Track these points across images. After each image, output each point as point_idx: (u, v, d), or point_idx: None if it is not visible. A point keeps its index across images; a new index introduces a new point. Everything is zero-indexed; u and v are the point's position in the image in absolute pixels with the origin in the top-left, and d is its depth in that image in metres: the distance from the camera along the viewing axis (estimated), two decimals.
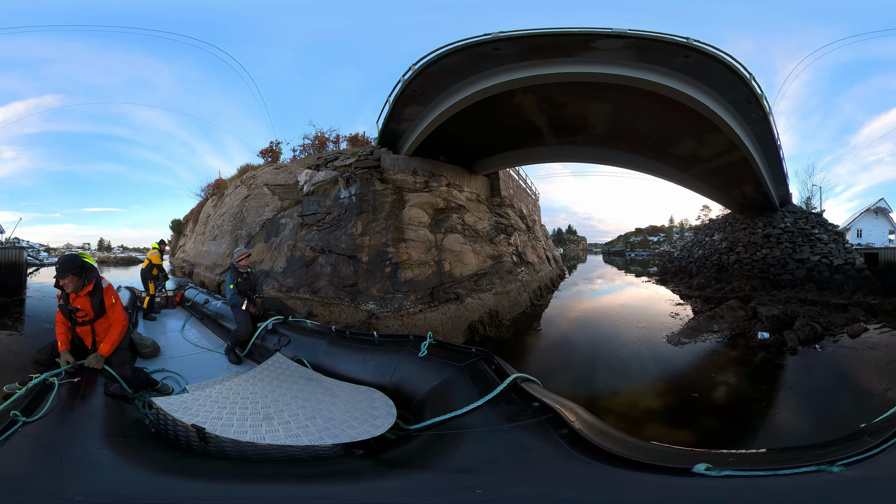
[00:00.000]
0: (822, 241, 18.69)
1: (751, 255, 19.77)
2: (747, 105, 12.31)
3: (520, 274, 16.71)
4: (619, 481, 2.19)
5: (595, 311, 17.90)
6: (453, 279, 12.57)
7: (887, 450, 2.07)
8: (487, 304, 12.81)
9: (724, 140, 13.91)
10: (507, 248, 16.79)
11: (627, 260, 67.72)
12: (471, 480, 2.40)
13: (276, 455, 3.15)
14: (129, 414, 3.60)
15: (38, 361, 4.38)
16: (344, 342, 5.32)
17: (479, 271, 13.93)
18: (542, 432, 2.61)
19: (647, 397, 7.98)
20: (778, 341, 10.62)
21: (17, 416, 2.85)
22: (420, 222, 13.18)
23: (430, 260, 12.43)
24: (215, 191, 26.89)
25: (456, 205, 15.19)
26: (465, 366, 3.68)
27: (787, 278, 17.66)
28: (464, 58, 10.62)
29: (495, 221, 17.32)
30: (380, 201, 13.16)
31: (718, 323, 12.71)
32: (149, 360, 6.23)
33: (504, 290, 14.46)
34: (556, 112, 13.56)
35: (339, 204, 13.63)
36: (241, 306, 6.48)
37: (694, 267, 23.82)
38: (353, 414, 3.67)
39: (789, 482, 1.95)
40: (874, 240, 36.69)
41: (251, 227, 17.42)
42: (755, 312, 13.12)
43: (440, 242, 13.20)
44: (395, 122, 13.71)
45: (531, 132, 15.26)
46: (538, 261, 21.05)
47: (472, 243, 14.46)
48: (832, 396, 7.72)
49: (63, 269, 4.26)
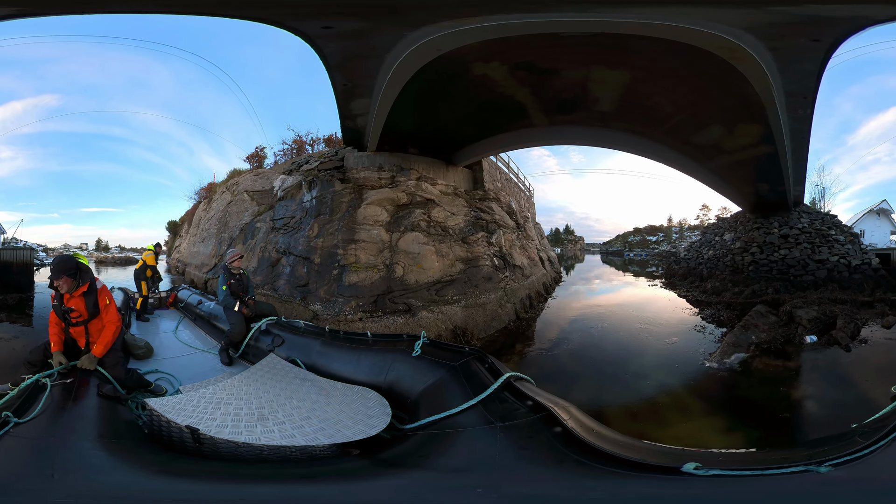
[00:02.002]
0: (839, 242, 18.78)
1: (767, 255, 19.13)
2: (803, 100, 10.97)
3: (503, 280, 14.30)
4: (609, 480, 2.21)
5: (606, 319, 15.62)
6: (405, 287, 11.06)
7: (877, 451, 2.09)
8: (453, 320, 10.91)
9: (756, 132, 12.45)
10: (486, 248, 14.56)
11: (626, 260, 66.59)
12: (466, 479, 2.42)
13: (272, 456, 3.15)
14: (121, 415, 3.59)
15: (31, 362, 4.36)
16: (337, 342, 5.32)
17: (445, 278, 12.06)
18: (535, 431, 2.63)
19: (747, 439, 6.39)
20: (828, 341, 10.26)
21: (8, 417, 2.83)
22: (376, 221, 12.11)
23: (380, 263, 11.38)
24: (207, 194, 27.51)
25: (423, 199, 13.57)
26: (458, 365, 3.69)
27: (808, 279, 17.39)
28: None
29: (474, 217, 15.24)
30: (337, 202, 12.87)
31: (755, 332, 11.20)
32: (142, 361, 6.21)
33: (478, 301, 12.28)
34: (544, 83, 11.12)
35: (301, 208, 13.94)
36: (233, 308, 6.46)
37: (705, 269, 22.34)
38: (347, 414, 3.67)
39: (777, 482, 1.97)
40: (876, 240, 36.81)
41: (233, 230, 18.66)
42: (791, 316, 12.35)
43: (395, 243, 11.91)
44: (350, 119, 12.55)
45: (514, 111, 12.83)
46: (529, 263, 18.53)
47: (437, 243, 12.63)
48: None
49: (57, 270, 4.25)
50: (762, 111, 11.24)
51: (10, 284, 15.04)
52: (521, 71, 10.35)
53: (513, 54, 9.40)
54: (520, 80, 10.94)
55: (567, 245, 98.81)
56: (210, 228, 22.01)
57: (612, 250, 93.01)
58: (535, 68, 10.26)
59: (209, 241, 21.37)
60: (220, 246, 18.88)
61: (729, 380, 8.82)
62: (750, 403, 7.70)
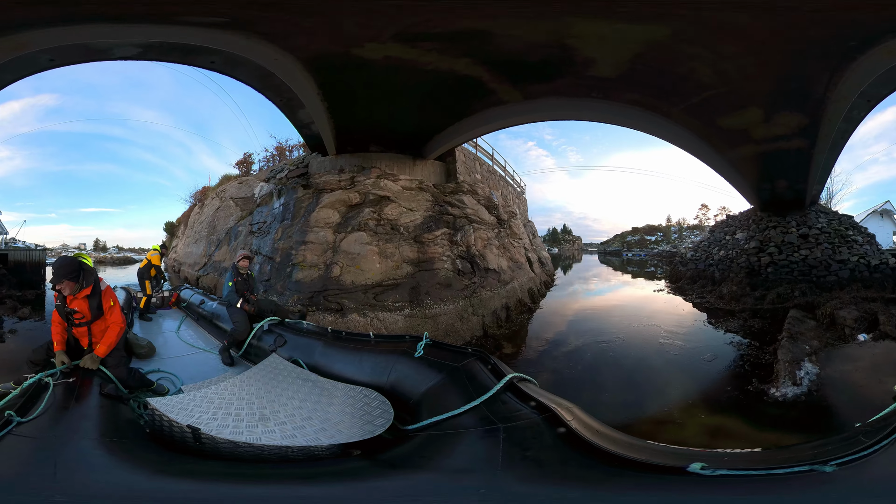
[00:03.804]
0: (857, 242, 18.72)
1: (787, 256, 18.51)
2: (866, 103, 10.54)
3: (469, 287, 12.46)
4: (614, 481, 2.20)
5: (615, 330, 13.24)
6: (340, 287, 10.97)
7: (881, 450, 2.07)
8: (391, 329, 10.11)
9: (796, 124, 11.52)
10: (446, 248, 12.87)
11: (624, 260, 66.24)
12: (468, 480, 2.41)
13: (273, 456, 3.14)
14: (124, 414, 3.59)
15: (34, 362, 4.36)
16: (340, 343, 5.31)
17: (386, 281, 11.25)
18: (538, 431, 2.62)
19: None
20: (878, 336, 10.18)
21: (11, 416, 2.83)
22: (326, 223, 12.39)
23: (321, 263, 11.58)
24: (201, 198, 29.17)
25: (376, 197, 13.03)
26: (461, 366, 3.68)
27: (832, 280, 17.15)
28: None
29: (438, 212, 13.80)
30: (297, 207, 13.66)
31: (804, 341, 9.97)
32: (144, 360, 6.21)
33: (429, 311, 10.94)
34: (493, 50, 8.94)
35: (272, 214, 15.21)
36: (236, 304, 6.52)
37: (716, 271, 20.82)
38: (349, 414, 3.67)
39: (782, 481, 1.96)
40: (879, 240, 36.71)
41: (220, 233, 20.79)
42: (833, 318, 11.83)
43: (338, 243, 11.86)
44: (304, 127, 13.15)
45: (470, 89, 10.89)
46: (510, 266, 15.98)
47: (382, 243, 11.92)
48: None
49: (59, 275, 4.20)
50: (821, 104, 10.24)
51: (24, 282, 16.20)
52: (428, 41, 8.68)
53: (385, 29, 8.11)
54: (443, 52, 9.14)
55: (565, 245, 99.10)
56: (202, 231, 24.11)
57: (610, 250, 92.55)
58: (438, 35, 8.49)
59: (201, 242, 23.42)
60: (210, 247, 21.18)
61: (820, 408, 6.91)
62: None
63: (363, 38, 8.49)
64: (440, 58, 9.39)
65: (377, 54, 9.05)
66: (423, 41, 8.70)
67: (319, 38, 8.61)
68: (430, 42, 8.76)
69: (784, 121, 11.51)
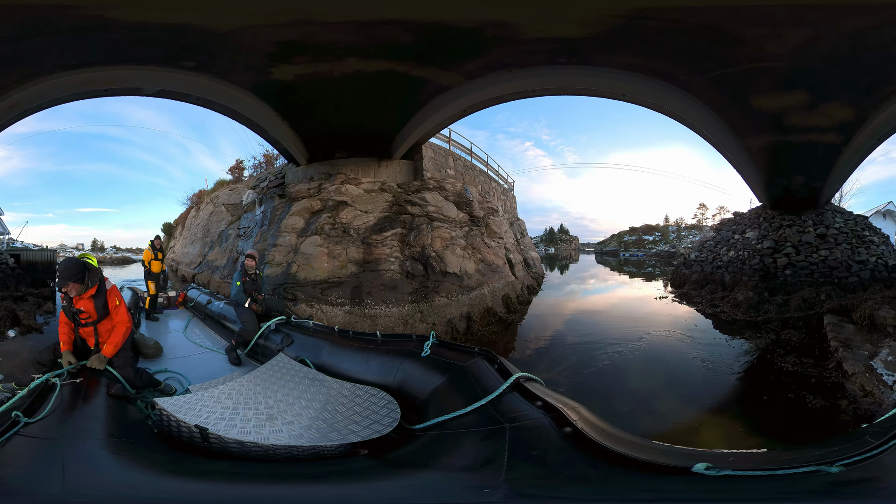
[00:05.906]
0: (874, 242, 18.49)
1: (806, 257, 17.57)
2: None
3: (419, 291, 12.03)
4: (620, 480, 2.20)
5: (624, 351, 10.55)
6: (296, 282, 11.74)
7: (888, 450, 2.07)
8: (332, 322, 10.50)
9: (839, 117, 10.62)
10: (394, 249, 12.59)
11: (621, 260, 64.59)
12: (474, 479, 2.41)
13: (281, 456, 3.15)
14: (131, 414, 3.61)
15: (40, 362, 4.39)
16: (347, 342, 5.34)
17: (332, 279, 11.73)
18: (544, 431, 2.62)
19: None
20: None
21: (18, 417, 2.86)
22: (293, 228, 13.33)
23: (285, 262, 12.57)
24: (198, 201, 30.41)
25: (334, 203, 13.27)
26: (467, 365, 3.69)
27: (853, 280, 16.47)
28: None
29: (396, 211, 13.57)
30: (273, 215, 14.77)
31: (859, 352, 9.29)
32: (151, 360, 6.25)
33: (368, 311, 11.08)
34: (382, 45, 8.26)
35: (255, 220, 16.91)
36: (244, 304, 6.57)
37: (726, 274, 19.13)
38: (357, 414, 3.68)
39: (788, 482, 1.96)
40: None
41: (213, 236, 22.42)
42: (872, 319, 11.23)
43: (299, 245, 12.71)
44: (274, 142, 13.99)
45: (410, 83, 10.11)
46: (478, 269, 14.61)
47: (332, 245, 12.32)
48: None
49: (63, 278, 4.23)
50: (882, 101, 9.63)
51: (37, 281, 16.53)
52: (304, 55, 8.58)
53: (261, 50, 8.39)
54: (340, 59, 8.73)
55: (562, 245, 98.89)
56: (197, 233, 26.11)
57: (607, 250, 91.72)
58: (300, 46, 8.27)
59: (196, 243, 25.39)
60: (205, 248, 22.68)
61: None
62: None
63: (265, 63, 8.97)
64: (339, 64, 9.00)
65: (287, 75, 9.28)
66: (299, 55, 8.62)
67: (244, 70, 9.35)
68: (305, 55, 8.65)
69: (829, 111, 10.42)
